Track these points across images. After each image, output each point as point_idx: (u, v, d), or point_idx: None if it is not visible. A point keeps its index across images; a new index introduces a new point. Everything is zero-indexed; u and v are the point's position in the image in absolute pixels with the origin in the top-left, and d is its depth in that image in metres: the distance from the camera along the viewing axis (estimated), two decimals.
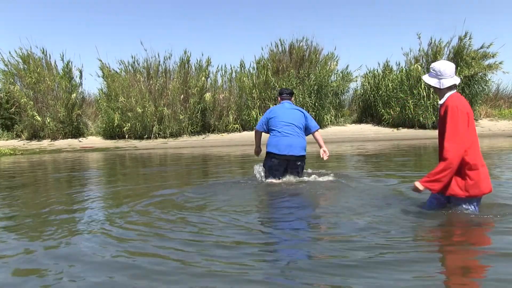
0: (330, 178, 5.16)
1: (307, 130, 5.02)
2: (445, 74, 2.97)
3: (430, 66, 3.09)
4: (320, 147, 5.09)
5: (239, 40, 44.08)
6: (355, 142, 14.02)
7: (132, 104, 16.99)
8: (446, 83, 2.97)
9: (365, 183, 5.09)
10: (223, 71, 18.84)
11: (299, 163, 4.88)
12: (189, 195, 4.62)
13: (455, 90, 3.04)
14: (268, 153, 4.92)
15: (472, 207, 3.03)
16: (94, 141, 17.24)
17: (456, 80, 3.00)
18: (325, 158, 5.08)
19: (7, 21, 39.28)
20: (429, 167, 3.43)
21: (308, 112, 19.62)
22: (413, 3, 44.59)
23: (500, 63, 17.05)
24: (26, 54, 17.67)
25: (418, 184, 2.97)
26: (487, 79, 17.89)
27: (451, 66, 3.01)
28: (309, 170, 5.59)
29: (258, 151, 5.32)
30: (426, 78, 3.08)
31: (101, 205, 4.39)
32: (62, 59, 18.00)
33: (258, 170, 5.17)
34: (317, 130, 5.06)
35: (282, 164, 4.84)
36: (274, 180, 4.90)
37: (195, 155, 11.26)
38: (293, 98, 5.31)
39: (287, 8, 45.38)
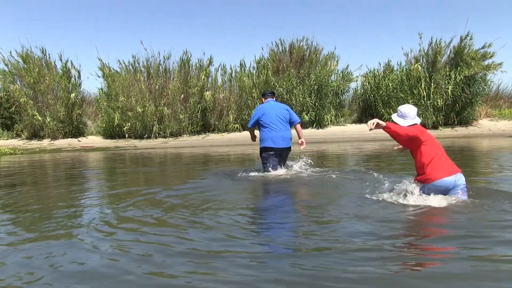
0: (333, 175, 5.39)
1: (291, 123, 5.62)
2: (408, 116, 3.76)
3: (398, 108, 3.86)
4: (299, 138, 5.71)
5: (239, 40, 44.11)
6: (355, 142, 14.02)
7: (132, 104, 16.99)
8: (407, 123, 3.74)
9: (366, 181, 5.08)
10: (223, 71, 18.88)
11: (288, 150, 5.61)
12: (183, 192, 4.62)
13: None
14: (263, 148, 5.49)
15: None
16: (94, 140, 17.24)
17: (417, 121, 3.77)
18: (302, 147, 5.71)
19: (7, 21, 39.31)
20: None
21: (308, 112, 19.51)
22: (414, 2, 44.62)
23: (499, 64, 16.99)
24: (26, 53, 17.68)
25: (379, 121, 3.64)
26: (487, 79, 17.88)
27: (414, 110, 3.78)
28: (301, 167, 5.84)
29: (254, 139, 6.01)
30: (394, 117, 3.87)
31: (96, 204, 4.38)
32: (61, 59, 18.03)
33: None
34: (298, 123, 5.71)
35: (277, 154, 5.48)
36: (272, 171, 5.44)
37: (195, 155, 11.26)
38: (274, 97, 5.90)
39: (288, 7, 45.41)
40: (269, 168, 5.45)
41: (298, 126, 5.75)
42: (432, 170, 3.52)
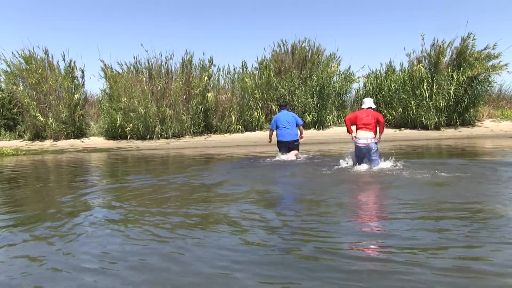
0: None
1: (297, 125, 8.33)
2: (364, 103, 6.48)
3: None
4: (300, 133, 8.47)
5: (242, 41, 44.17)
6: None
7: (134, 105, 17.01)
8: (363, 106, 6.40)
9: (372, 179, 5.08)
10: (226, 72, 18.90)
11: (296, 143, 8.29)
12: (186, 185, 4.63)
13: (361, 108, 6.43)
14: (278, 141, 8.36)
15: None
16: (96, 141, 17.26)
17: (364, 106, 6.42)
18: (301, 140, 8.50)
19: (9, 22, 39.43)
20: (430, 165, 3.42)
21: (310, 112, 19.86)
22: (416, 3, 44.59)
23: (505, 64, 16.89)
24: (28, 54, 17.70)
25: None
26: (491, 80, 17.80)
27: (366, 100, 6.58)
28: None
29: (270, 140, 8.80)
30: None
31: (98, 204, 4.39)
32: (64, 59, 18.10)
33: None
34: (301, 125, 8.42)
35: (286, 145, 8.23)
36: (282, 155, 8.14)
37: (199, 155, 11.26)
38: (286, 107, 8.72)
39: (290, 8, 45.46)
40: (281, 153, 8.26)
41: (301, 127, 8.48)
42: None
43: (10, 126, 18.40)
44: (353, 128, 6.20)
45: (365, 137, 5.96)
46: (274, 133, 8.54)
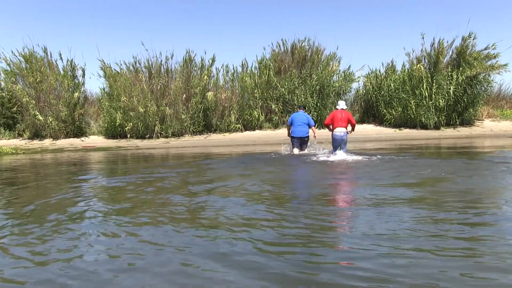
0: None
1: (309, 125, 9.74)
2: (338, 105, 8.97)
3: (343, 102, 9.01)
4: (313, 133, 9.83)
5: (241, 40, 44.17)
6: (357, 143, 13.98)
7: (134, 104, 17.00)
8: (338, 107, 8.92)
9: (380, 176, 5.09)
10: (225, 71, 18.90)
11: (306, 139, 9.66)
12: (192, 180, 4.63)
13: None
14: (292, 136, 9.71)
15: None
16: (96, 140, 17.26)
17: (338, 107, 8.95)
18: (314, 139, 9.84)
19: (9, 21, 39.39)
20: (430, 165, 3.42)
21: (310, 111, 19.94)
22: (416, 3, 44.60)
23: (505, 65, 16.88)
24: (28, 53, 17.69)
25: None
26: (490, 79, 17.79)
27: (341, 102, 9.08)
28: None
29: (289, 134, 9.93)
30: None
31: (98, 204, 4.39)
32: (61, 58, 18.11)
33: (286, 148, 10.05)
34: (312, 126, 9.82)
35: (297, 140, 9.62)
36: (295, 149, 9.56)
37: (197, 154, 11.26)
38: (304, 109, 10.23)
39: (290, 8, 45.44)
40: (293, 147, 9.65)
41: (313, 127, 9.82)
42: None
43: (9, 125, 18.39)
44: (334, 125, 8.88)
45: (340, 131, 8.64)
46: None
